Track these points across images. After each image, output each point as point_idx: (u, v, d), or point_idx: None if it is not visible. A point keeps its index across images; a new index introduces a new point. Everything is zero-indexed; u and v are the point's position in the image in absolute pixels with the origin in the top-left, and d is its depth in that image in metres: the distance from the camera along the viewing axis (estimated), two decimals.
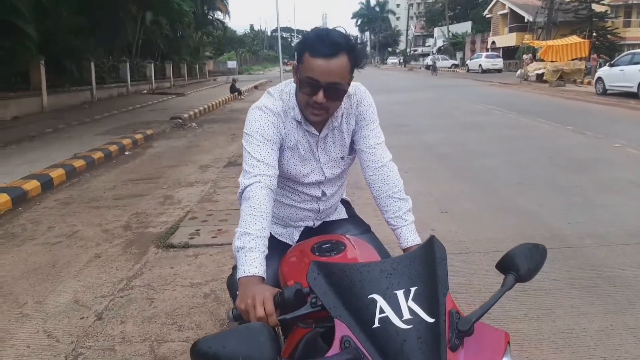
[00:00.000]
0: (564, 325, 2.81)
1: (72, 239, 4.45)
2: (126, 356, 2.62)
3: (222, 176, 6.83)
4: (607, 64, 18.70)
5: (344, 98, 1.61)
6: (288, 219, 1.79)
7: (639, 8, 36.41)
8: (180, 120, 12.74)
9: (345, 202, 1.94)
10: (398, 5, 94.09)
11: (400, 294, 1.10)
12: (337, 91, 1.49)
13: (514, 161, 7.09)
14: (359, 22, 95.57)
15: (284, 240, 1.79)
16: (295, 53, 1.57)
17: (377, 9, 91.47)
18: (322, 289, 1.12)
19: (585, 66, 24.61)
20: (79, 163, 7.29)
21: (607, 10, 33.53)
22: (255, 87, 27.95)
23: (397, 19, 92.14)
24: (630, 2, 35.53)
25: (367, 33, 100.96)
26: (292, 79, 1.68)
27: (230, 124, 12.85)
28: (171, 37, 28.33)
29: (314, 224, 1.83)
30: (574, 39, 25.53)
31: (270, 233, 1.52)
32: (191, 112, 14.21)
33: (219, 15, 41.28)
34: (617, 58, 18.57)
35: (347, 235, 1.70)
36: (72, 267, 3.83)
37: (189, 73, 34.15)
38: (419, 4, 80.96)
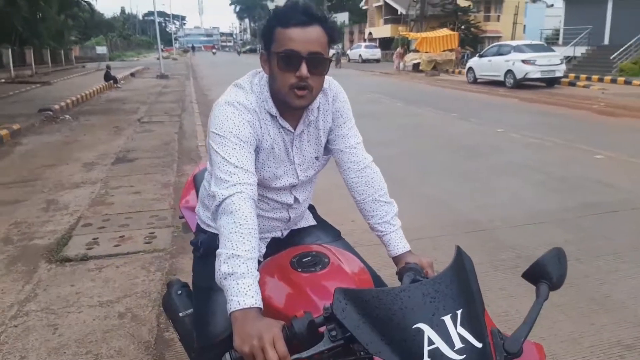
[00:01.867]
0: (498, 308, 2.89)
1: None
2: None
3: (113, 175, 6.17)
4: (477, 54, 20.28)
5: (320, 93, 1.42)
6: None
7: (496, 4, 40.05)
8: (51, 113, 11.38)
9: (311, 207, 1.74)
10: None
11: (447, 319, 0.95)
12: (320, 62, 1.31)
13: (412, 150, 7.33)
14: (237, 9, 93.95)
15: None
16: (263, 42, 1.36)
17: None
18: (354, 321, 0.94)
19: (457, 57, 26.55)
20: None
21: (470, 5, 36.38)
22: (132, 74, 26.08)
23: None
24: None
25: (247, 20, 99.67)
26: (257, 70, 1.44)
27: (110, 115, 11.79)
28: (30, 20, 25.28)
29: (282, 234, 1.62)
30: (445, 31, 27.45)
31: None
32: (62, 103, 12.77)
33: None
34: (485, 49, 20.24)
35: (324, 245, 1.52)
36: None
37: (52, 60, 30.83)
38: None
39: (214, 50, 78.40)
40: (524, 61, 16.23)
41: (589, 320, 2.76)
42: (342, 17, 59.53)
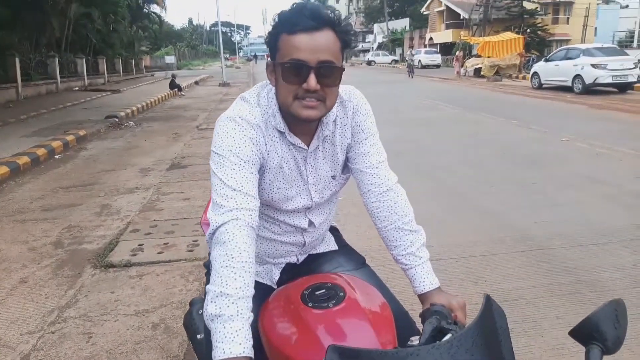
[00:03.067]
0: (553, 339, 2.62)
1: None
2: None
3: (166, 180, 6.30)
4: (543, 59, 19.34)
5: (338, 104, 1.28)
6: (266, 255, 1.43)
7: (565, 5, 38.24)
8: (117, 119, 11.92)
9: (333, 230, 1.59)
10: (337, 1, 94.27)
11: None
12: (331, 71, 1.17)
13: (469, 158, 7.01)
14: None
15: (261, 280, 1.43)
16: (268, 47, 1.23)
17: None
18: None
19: (521, 61, 25.49)
20: (1, 170, 6.51)
21: (537, 8, 34.93)
22: (196, 82, 27.01)
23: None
24: (558, 0, 37.25)
25: None
26: (265, 82, 1.33)
27: (171, 122, 12.17)
28: (104, 31, 26.79)
29: (297, 259, 1.48)
30: (509, 35, 26.41)
31: None
32: (128, 110, 13.36)
33: (155, 8, 39.68)
34: (552, 53, 19.26)
35: (340, 274, 1.37)
36: None
37: (124, 69, 32.53)
38: (358, 0, 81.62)
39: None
40: (593, 65, 15.28)
41: None
42: (403, 23, 58.91)
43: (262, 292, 1.34)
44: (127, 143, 9.35)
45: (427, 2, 48.50)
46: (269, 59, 1.24)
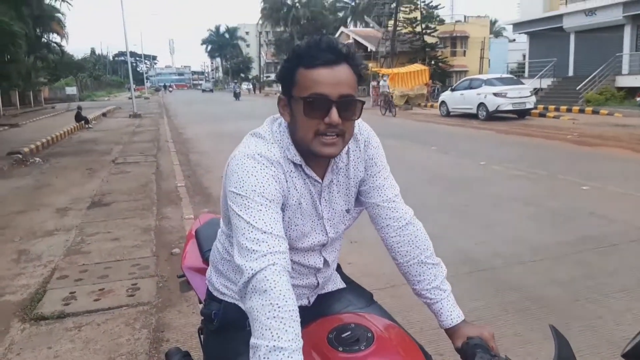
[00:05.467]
0: (516, 356, 2.70)
1: None
2: None
3: (88, 220, 5.84)
4: (449, 89, 20.68)
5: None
6: None
7: (461, 39, 41.36)
8: (21, 155, 10.96)
9: (337, 267, 1.54)
10: (247, 33, 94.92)
11: None
12: (352, 105, 1.14)
13: (400, 184, 7.20)
14: (209, 49, 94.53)
15: None
16: (281, 85, 1.18)
17: (227, 35, 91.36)
18: None
19: (428, 90, 27.08)
20: None
21: (437, 42, 37.46)
22: (104, 114, 25.70)
23: (248, 46, 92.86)
24: (454, 34, 40.22)
25: (218, 59, 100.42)
26: (275, 116, 1.27)
27: (82, 156, 11.41)
28: None
29: (309, 301, 1.41)
30: (417, 66, 28.03)
31: None
32: (32, 146, 12.35)
33: (55, 37, 37.44)
34: (457, 83, 20.67)
35: (360, 313, 1.32)
36: None
37: (21, 101, 30.29)
38: (267, 32, 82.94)
39: (208, 87, 75.93)
40: (495, 94, 16.59)
41: None
42: None
43: None
44: (36, 181, 8.60)
45: (336, 35, 50.32)
46: (281, 94, 1.19)
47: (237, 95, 40.69)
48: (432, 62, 34.68)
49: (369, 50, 42.21)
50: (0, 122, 20.38)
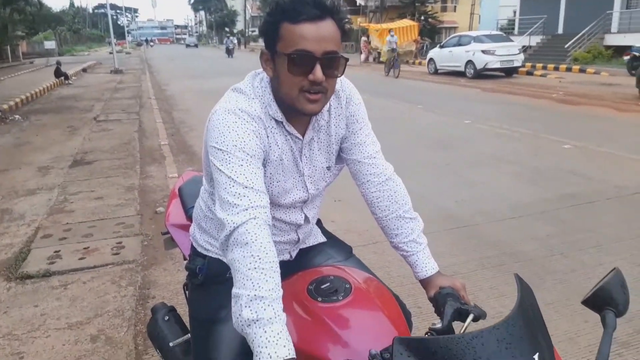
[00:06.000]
0: (491, 308, 2.80)
1: None
2: None
3: (71, 179, 5.80)
4: (438, 45, 20.44)
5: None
6: None
7: None
8: (0, 113, 10.72)
9: (318, 222, 1.57)
10: None
11: None
12: (336, 62, 1.14)
13: (383, 143, 7.20)
14: (192, 1, 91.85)
15: None
16: (264, 39, 1.16)
17: None
18: None
19: (417, 47, 26.71)
20: None
21: None
22: (84, 70, 24.99)
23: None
24: None
25: (202, 12, 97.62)
26: (256, 71, 1.26)
27: (63, 114, 11.19)
28: None
29: (291, 256, 1.44)
30: (406, 22, 27.55)
31: None
32: (11, 102, 12.05)
33: None
34: (445, 40, 20.43)
35: (339, 266, 1.36)
36: None
37: None
38: None
39: (193, 42, 72.95)
40: (483, 51, 16.46)
41: (583, 318, 2.71)
42: None
43: None
44: (16, 139, 8.45)
45: None
46: (264, 48, 1.17)
47: (230, 52, 36.14)
48: (422, 18, 34.04)
49: (357, 4, 41.31)
50: None
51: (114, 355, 2.48)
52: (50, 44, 44.32)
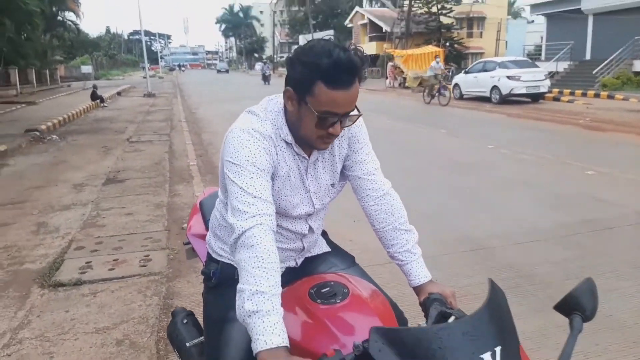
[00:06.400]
0: None
1: None
2: None
3: (104, 196, 6.07)
4: (463, 71, 20.54)
5: None
6: None
7: (478, 20, 40.81)
8: (38, 133, 11.23)
9: (323, 232, 1.71)
10: (262, 12, 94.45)
11: (487, 357, 0.93)
12: (353, 119, 1.32)
13: (404, 166, 7.34)
14: (222, 28, 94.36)
15: None
16: (293, 78, 1.27)
17: (241, 14, 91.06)
18: None
19: (442, 73, 26.83)
20: None
21: (453, 22, 37.00)
22: (119, 93, 25.97)
23: (262, 25, 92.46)
24: (471, 15, 39.68)
25: (232, 38, 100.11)
26: (271, 97, 1.41)
27: (98, 135, 11.67)
28: (16, 40, 25.10)
29: (296, 263, 1.58)
30: (431, 48, 27.81)
31: None
32: (49, 123, 12.63)
33: (71, 16, 37.70)
34: (471, 66, 20.52)
35: (340, 273, 1.48)
36: None
37: (37, 79, 30.58)
38: (282, 11, 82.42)
39: (224, 68, 74.31)
40: (509, 77, 16.47)
41: (594, 341, 2.73)
42: (326, 35, 60.03)
43: None
44: (53, 158, 8.86)
45: (351, 15, 49.86)
46: (290, 87, 1.27)
47: (266, 79, 32.70)
48: (447, 44, 34.25)
49: (383, 30, 41.84)
50: (17, 100, 20.75)
51: (136, 358, 2.63)
52: (87, 69, 46.17)
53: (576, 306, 1.10)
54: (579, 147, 8.66)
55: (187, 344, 1.82)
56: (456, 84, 19.76)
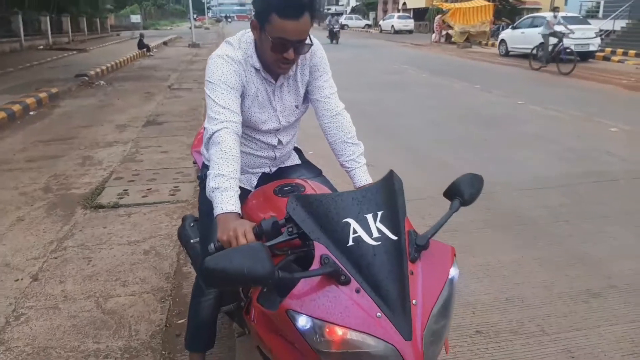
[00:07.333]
0: (483, 259, 3.16)
1: None
2: (72, 313, 2.59)
3: (143, 136, 6.60)
4: (510, 26, 19.83)
5: None
6: (246, 166, 1.86)
7: None
8: (87, 78, 11.92)
9: (297, 150, 2.04)
10: None
11: (369, 217, 1.26)
12: (304, 46, 1.58)
13: (430, 119, 7.51)
14: None
15: (242, 186, 1.86)
16: (256, 11, 1.57)
17: None
18: (301, 217, 1.25)
19: (491, 28, 25.95)
20: None
21: None
22: (165, 43, 26.58)
23: None
24: None
25: None
26: (246, 30, 1.71)
27: (142, 81, 12.25)
28: None
29: (270, 170, 1.92)
30: (480, 2, 26.72)
31: None
32: (98, 70, 13.32)
33: None
34: (519, 21, 19.77)
35: (304, 179, 1.82)
36: None
37: (88, 27, 31.62)
38: None
39: None
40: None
41: (564, 272, 3.00)
42: None
43: (244, 194, 1.78)
44: (99, 101, 9.49)
45: None
46: (255, 18, 1.59)
47: (334, 36, 26.24)
48: None
49: None
50: (69, 47, 21.69)
51: (160, 264, 3.10)
52: (135, 18, 46.95)
53: (457, 192, 1.44)
54: (612, 105, 8.51)
55: (192, 241, 2.24)
56: (502, 40, 19.15)
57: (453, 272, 1.30)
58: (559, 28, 13.87)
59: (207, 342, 1.99)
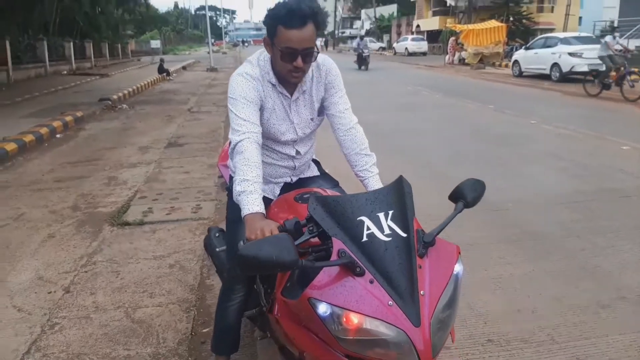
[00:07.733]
0: (495, 272, 3.26)
1: (20, 221, 4.38)
2: (103, 322, 2.75)
3: (165, 157, 6.84)
4: (523, 47, 19.98)
5: (314, 68, 1.87)
6: (269, 176, 2.03)
7: None
8: (110, 102, 12.33)
9: (315, 162, 2.21)
10: None
11: (381, 215, 1.42)
12: (311, 54, 1.74)
13: (445, 138, 7.65)
14: None
15: (266, 195, 2.03)
16: (266, 29, 1.76)
17: None
18: (321, 215, 1.42)
19: (504, 49, 26.10)
20: (10, 146, 6.98)
21: None
22: (184, 67, 27.25)
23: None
24: None
25: None
26: (262, 50, 1.89)
27: (163, 105, 12.62)
28: (90, 14, 26.84)
29: (291, 179, 2.08)
30: (493, 23, 26.96)
31: None
32: (120, 94, 13.75)
33: None
34: (531, 42, 19.92)
35: (323, 189, 1.98)
36: (26, 247, 3.82)
37: (110, 53, 32.56)
38: None
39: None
40: (570, 54, 15.93)
41: (574, 285, 3.09)
42: (390, 9, 59.17)
43: (267, 203, 1.94)
44: (122, 124, 9.82)
45: None
46: (267, 36, 1.77)
47: (363, 61, 22.45)
48: (512, 19, 32.96)
49: (447, 4, 40.82)
50: (92, 72, 22.38)
51: (184, 277, 3.26)
52: (155, 43, 48.20)
53: (461, 195, 1.59)
54: (626, 125, 8.56)
55: (217, 249, 2.41)
56: (516, 61, 19.28)
57: (458, 268, 1.44)
58: (617, 47, 13.17)
59: (232, 345, 2.13)
